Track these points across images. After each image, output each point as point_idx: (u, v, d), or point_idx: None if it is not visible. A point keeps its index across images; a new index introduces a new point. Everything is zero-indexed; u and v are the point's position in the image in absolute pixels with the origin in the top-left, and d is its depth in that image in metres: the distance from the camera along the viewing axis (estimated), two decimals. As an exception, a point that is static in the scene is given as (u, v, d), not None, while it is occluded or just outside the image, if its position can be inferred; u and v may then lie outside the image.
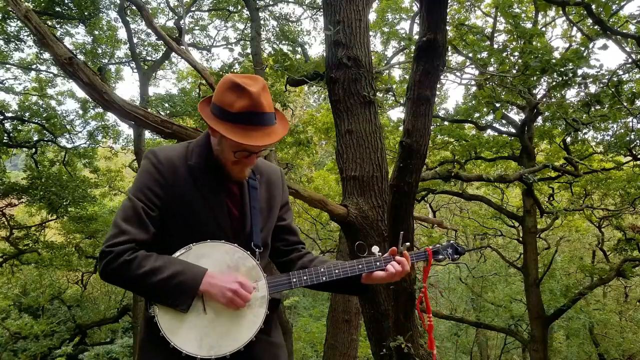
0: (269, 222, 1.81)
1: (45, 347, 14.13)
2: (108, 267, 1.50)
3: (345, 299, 7.66)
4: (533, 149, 11.52)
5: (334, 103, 4.46)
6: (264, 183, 1.83)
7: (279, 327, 1.87)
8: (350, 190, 4.26)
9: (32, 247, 12.91)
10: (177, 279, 1.52)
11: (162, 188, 1.60)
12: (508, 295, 16.53)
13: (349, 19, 4.39)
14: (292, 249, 1.91)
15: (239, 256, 1.63)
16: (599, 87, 6.05)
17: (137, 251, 1.53)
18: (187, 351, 1.52)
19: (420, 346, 3.67)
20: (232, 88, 1.55)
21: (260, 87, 1.56)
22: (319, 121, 12.12)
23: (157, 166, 1.62)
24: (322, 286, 1.79)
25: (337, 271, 1.75)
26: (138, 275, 1.50)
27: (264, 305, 1.64)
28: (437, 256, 2.06)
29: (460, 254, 2.11)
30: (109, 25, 12.51)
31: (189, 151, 1.69)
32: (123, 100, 3.29)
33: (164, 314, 1.54)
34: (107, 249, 1.50)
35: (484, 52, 7.41)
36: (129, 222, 1.54)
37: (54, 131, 12.65)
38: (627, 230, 11.73)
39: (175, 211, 1.62)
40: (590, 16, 5.81)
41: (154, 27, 6.42)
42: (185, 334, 1.54)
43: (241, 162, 1.63)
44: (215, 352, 1.55)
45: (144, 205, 1.57)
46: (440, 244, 2.11)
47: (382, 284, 4.22)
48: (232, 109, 1.54)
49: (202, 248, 1.60)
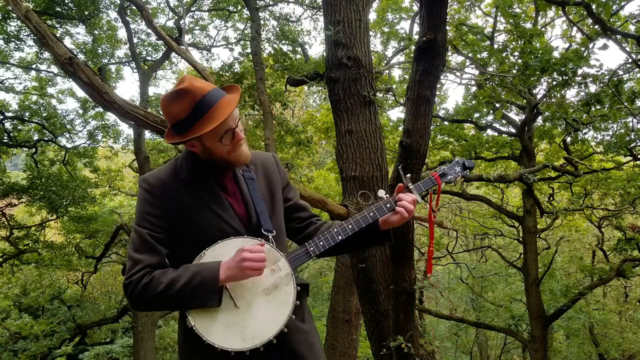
0: (276, 207, 1.82)
1: (45, 347, 14.12)
2: (133, 295, 1.58)
3: (345, 298, 7.66)
4: (533, 149, 11.52)
5: (334, 103, 4.46)
6: (260, 171, 1.85)
7: (311, 313, 1.88)
8: (350, 190, 4.26)
9: (32, 247, 12.90)
10: (196, 279, 1.56)
11: (160, 209, 1.65)
12: (508, 295, 16.53)
13: (349, 18, 4.39)
14: (308, 224, 1.92)
15: (252, 244, 1.65)
16: (599, 86, 6.04)
17: (152, 272, 1.59)
18: (234, 348, 1.55)
19: (420, 346, 3.67)
20: (171, 100, 1.60)
21: (190, 79, 1.61)
22: (319, 121, 12.12)
23: (150, 190, 1.67)
24: (342, 247, 1.79)
25: (350, 226, 1.76)
26: (160, 292, 1.55)
27: (291, 282, 1.65)
28: (446, 178, 1.91)
29: (469, 168, 1.96)
30: (109, 25, 12.50)
31: (178, 166, 1.73)
32: (123, 100, 3.29)
33: (200, 320, 1.58)
34: (126, 282, 1.58)
35: (484, 52, 7.41)
36: (139, 251, 1.61)
37: (54, 131, 12.65)
38: (627, 230, 11.73)
39: (181, 225, 1.66)
40: (590, 16, 5.81)
41: (154, 27, 6.41)
42: (225, 333, 1.57)
43: (233, 145, 1.66)
44: (260, 340, 1.57)
45: (148, 231, 1.62)
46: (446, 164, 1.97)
47: (382, 284, 4.24)
48: (185, 113, 1.59)
49: (216, 250, 1.63)
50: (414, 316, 3.75)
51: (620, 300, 17.64)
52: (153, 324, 11.74)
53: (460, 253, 18.42)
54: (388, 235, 1.86)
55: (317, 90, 12.33)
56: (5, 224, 12.05)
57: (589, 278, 13.11)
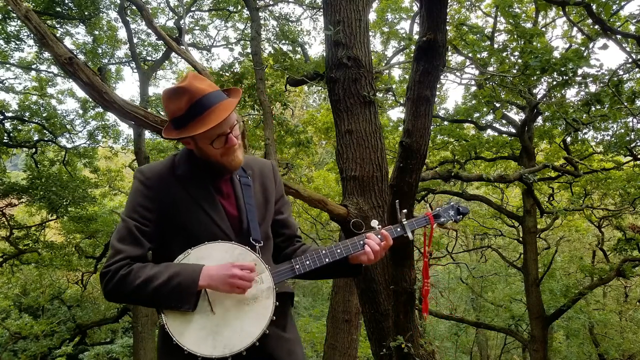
0: (267, 216, 1.81)
1: (45, 347, 14.11)
2: (108, 285, 1.55)
3: (345, 298, 7.66)
4: (533, 149, 11.52)
5: (334, 103, 4.46)
6: (257, 177, 1.84)
7: (294, 322, 1.86)
8: (350, 190, 4.26)
9: (32, 247, 12.89)
10: (175, 280, 1.53)
11: (152, 202, 1.63)
12: (508, 295, 16.52)
13: (349, 18, 4.39)
14: (288, 243, 1.91)
15: (239, 252, 1.63)
16: (599, 86, 6.04)
17: (132, 264, 1.56)
18: (202, 353, 1.52)
19: (420, 346, 3.67)
20: (171, 96, 1.61)
21: (191, 77, 1.62)
22: (319, 121, 12.12)
23: (145, 182, 1.66)
24: (323, 272, 1.77)
25: (339, 250, 1.75)
26: (136, 286, 1.53)
27: (271, 296, 1.63)
28: (439, 219, 1.93)
29: (463, 214, 1.98)
30: (109, 25, 12.51)
31: (176, 162, 1.72)
32: (123, 100, 3.29)
33: (172, 320, 1.55)
34: (104, 270, 1.56)
35: (484, 52, 7.40)
36: (123, 242, 1.59)
37: (54, 131, 12.65)
38: (627, 230, 11.73)
39: (171, 221, 1.64)
40: (590, 16, 5.81)
41: (154, 27, 6.41)
42: (197, 337, 1.54)
43: (226, 150, 1.65)
44: (230, 350, 1.54)
45: (136, 223, 1.60)
46: (441, 206, 1.99)
47: (382, 284, 4.24)
48: (182, 111, 1.59)
49: (201, 251, 1.61)
50: (414, 316, 3.75)
51: (620, 300, 17.64)
52: (153, 324, 11.73)
53: (460, 253, 18.41)
54: (359, 270, 1.84)
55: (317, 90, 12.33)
56: (5, 224, 12.05)
57: (589, 278, 13.10)
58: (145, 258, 1.62)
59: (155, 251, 1.68)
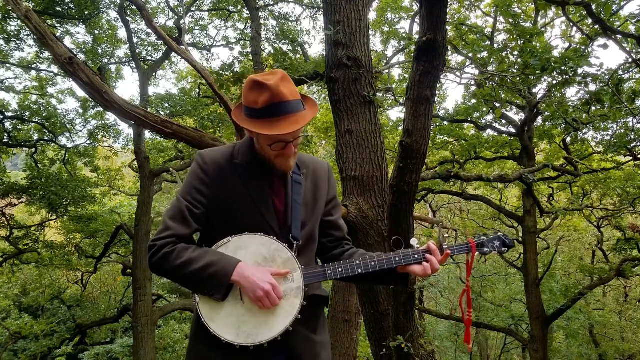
0: (313, 216, 1.83)
1: (45, 347, 14.11)
2: (153, 258, 1.64)
3: (345, 298, 7.65)
4: (533, 148, 11.52)
5: (334, 103, 4.45)
6: (310, 177, 1.86)
7: (326, 327, 1.88)
8: (350, 190, 4.25)
9: (32, 246, 12.90)
10: (210, 269, 1.60)
11: (207, 186, 1.71)
12: (508, 295, 16.53)
13: (349, 18, 4.39)
14: (337, 245, 1.94)
15: (275, 248, 1.68)
16: (599, 86, 6.03)
17: (177, 244, 1.64)
18: (225, 338, 1.60)
19: (420, 346, 3.67)
20: (253, 87, 1.63)
21: (279, 79, 1.63)
22: (319, 121, 12.12)
23: (203, 167, 1.72)
24: (358, 278, 1.81)
25: (372, 263, 1.77)
26: (176, 266, 1.61)
27: (299, 295, 1.67)
28: (482, 249, 1.87)
29: (509, 247, 1.90)
30: (109, 25, 12.50)
31: (236, 151, 1.79)
32: (123, 100, 3.29)
33: (204, 302, 1.64)
34: (152, 243, 1.65)
35: (483, 52, 7.39)
36: (174, 219, 1.67)
37: (54, 130, 12.65)
38: (626, 230, 11.73)
39: (222, 207, 1.71)
40: (590, 16, 5.80)
41: (154, 27, 6.40)
42: (223, 322, 1.62)
43: (281, 154, 1.70)
44: (252, 340, 1.61)
45: (188, 204, 1.68)
46: (487, 235, 1.91)
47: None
48: (257, 105, 1.62)
49: (241, 240, 1.67)
50: (414, 316, 3.75)
51: (620, 300, 17.65)
52: (153, 324, 11.73)
53: (460, 253, 18.38)
54: (406, 280, 1.88)
55: (317, 90, 12.32)
56: (5, 224, 12.06)
57: (588, 278, 13.11)
58: (191, 238, 1.70)
59: (201, 232, 1.75)
